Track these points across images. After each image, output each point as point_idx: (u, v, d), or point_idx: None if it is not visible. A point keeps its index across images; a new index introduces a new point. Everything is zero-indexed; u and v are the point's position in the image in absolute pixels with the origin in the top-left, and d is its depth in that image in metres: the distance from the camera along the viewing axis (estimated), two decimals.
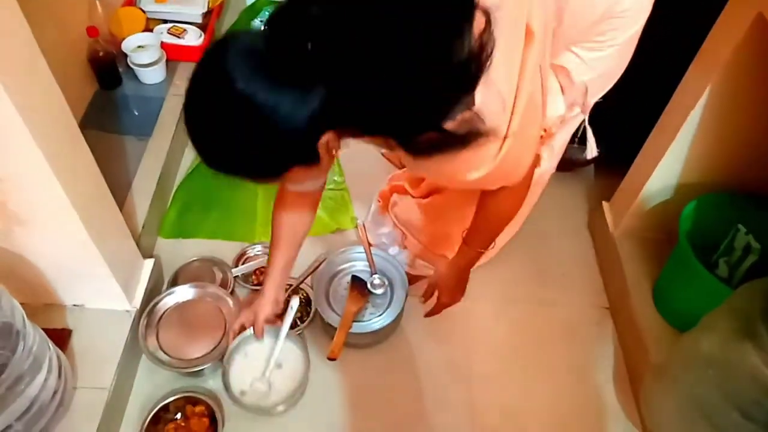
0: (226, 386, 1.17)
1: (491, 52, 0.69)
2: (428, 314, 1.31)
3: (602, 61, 1.05)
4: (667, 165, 1.30)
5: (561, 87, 1.06)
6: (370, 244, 1.42)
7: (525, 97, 0.82)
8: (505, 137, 0.81)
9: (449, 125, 0.71)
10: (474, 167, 0.84)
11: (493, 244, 1.15)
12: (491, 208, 1.06)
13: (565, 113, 1.09)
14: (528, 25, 0.81)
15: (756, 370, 0.88)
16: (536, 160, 1.04)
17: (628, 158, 1.45)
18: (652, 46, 1.34)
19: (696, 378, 1.02)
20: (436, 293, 1.28)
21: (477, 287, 1.48)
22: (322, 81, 0.65)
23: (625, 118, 1.49)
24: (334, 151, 0.75)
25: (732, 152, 1.26)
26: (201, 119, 0.70)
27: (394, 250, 1.48)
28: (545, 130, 1.07)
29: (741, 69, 1.11)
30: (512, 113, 0.81)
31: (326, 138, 0.70)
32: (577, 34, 1.02)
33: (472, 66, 0.68)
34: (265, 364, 1.22)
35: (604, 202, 1.56)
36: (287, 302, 1.25)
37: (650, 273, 1.40)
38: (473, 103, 0.73)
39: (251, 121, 0.66)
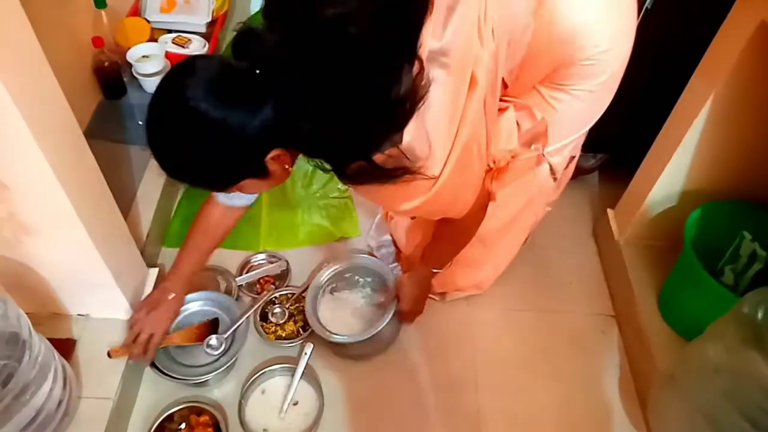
0: (242, 422, 1.19)
1: (424, 96, 0.76)
2: (400, 320, 1.35)
3: (567, 103, 1.04)
4: (672, 172, 1.30)
5: (518, 124, 1.07)
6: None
7: (463, 139, 0.87)
8: (439, 176, 0.87)
9: (377, 158, 0.79)
10: (406, 198, 0.91)
11: (449, 264, 1.26)
12: (444, 235, 1.16)
13: (518, 149, 1.09)
14: (473, 73, 0.86)
15: (763, 379, 0.87)
16: (486, 196, 1.09)
17: (633, 166, 1.45)
18: (657, 53, 1.35)
19: (703, 386, 1.01)
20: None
21: (482, 296, 1.49)
22: (269, 100, 0.73)
23: (629, 126, 1.49)
24: (287, 167, 0.84)
25: (736, 159, 1.26)
26: (160, 134, 0.78)
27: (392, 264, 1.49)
28: (494, 162, 1.10)
29: (745, 76, 1.11)
30: (450, 153, 0.87)
31: (275, 153, 0.78)
32: (539, 77, 1.03)
33: (405, 106, 0.75)
34: (281, 401, 1.24)
35: (608, 210, 1.56)
36: (301, 347, 1.29)
37: (656, 281, 1.39)
38: (400, 141, 0.79)
39: (205, 135, 0.74)
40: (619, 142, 1.59)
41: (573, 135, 1.13)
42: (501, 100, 1.04)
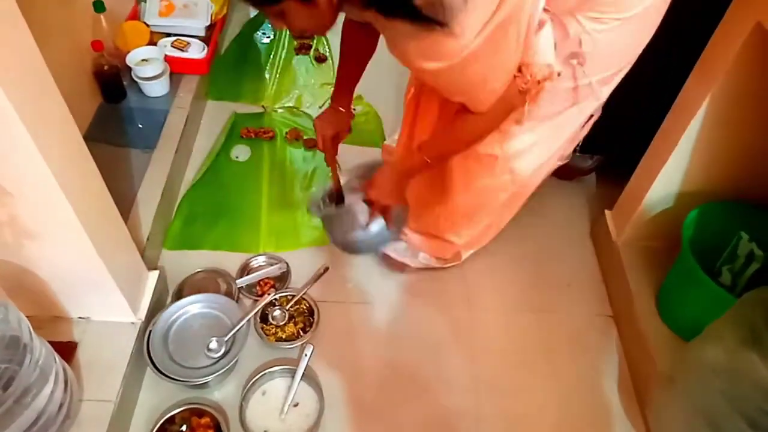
0: (243, 423, 1.20)
1: None
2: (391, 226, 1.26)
3: (605, 34, 1.03)
4: (669, 173, 1.30)
5: (555, 42, 1.04)
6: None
7: (502, 15, 0.87)
8: (470, 44, 0.87)
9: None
10: (433, 57, 0.90)
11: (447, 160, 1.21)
12: (456, 125, 1.10)
13: (555, 66, 1.05)
14: None
15: (762, 379, 0.87)
16: (511, 105, 1.04)
17: (630, 167, 1.45)
18: (653, 54, 1.35)
19: (702, 387, 1.01)
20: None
21: (481, 297, 1.50)
22: None
23: (626, 127, 1.50)
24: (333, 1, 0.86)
25: (734, 160, 1.27)
26: None
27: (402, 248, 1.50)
28: (531, 76, 1.03)
29: (741, 77, 1.12)
30: (486, 24, 0.87)
31: None
32: (579, 2, 1.01)
33: None
34: (282, 402, 1.24)
35: (606, 211, 1.57)
36: (302, 349, 1.29)
37: (654, 281, 1.40)
38: None
39: None
40: (617, 144, 1.60)
41: (605, 72, 1.10)
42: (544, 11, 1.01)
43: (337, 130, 1.28)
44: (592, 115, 1.27)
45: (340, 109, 1.28)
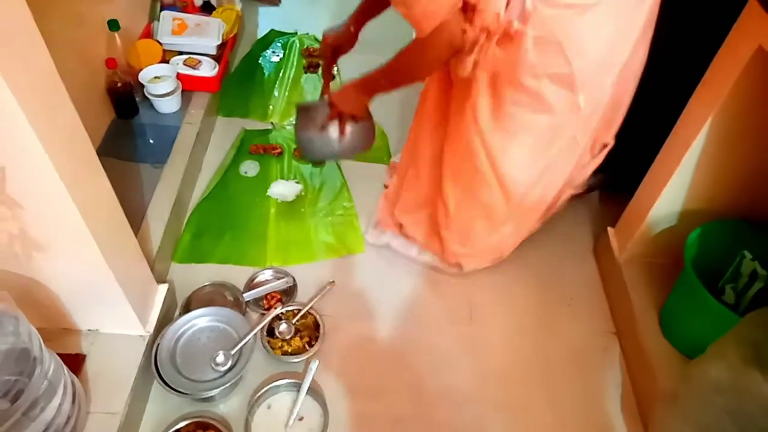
0: None
1: None
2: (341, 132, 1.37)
3: (560, 22, 1.06)
4: (672, 191, 1.31)
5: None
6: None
7: None
8: None
9: None
10: None
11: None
12: (404, 52, 1.16)
13: (504, 17, 1.08)
14: None
15: (765, 399, 0.87)
16: (455, 39, 1.08)
17: (633, 184, 1.46)
18: (655, 73, 1.37)
19: (705, 406, 1.01)
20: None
21: (484, 313, 1.50)
22: None
23: (629, 145, 1.51)
24: None
25: (736, 179, 1.27)
26: None
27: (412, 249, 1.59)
28: (478, 20, 1.08)
29: (743, 99, 1.13)
30: None
31: None
32: None
33: None
34: (287, 416, 1.25)
35: (609, 228, 1.58)
36: (307, 363, 1.31)
37: (657, 298, 1.40)
38: None
39: None
40: (619, 161, 1.61)
41: (579, 62, 1.11)
42: None
43: (339, 42, 1.38)
44: (606, 145, 1.32)
45: (351, 28, 1.37)
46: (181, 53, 1.92)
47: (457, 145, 1.32)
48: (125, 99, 1.72)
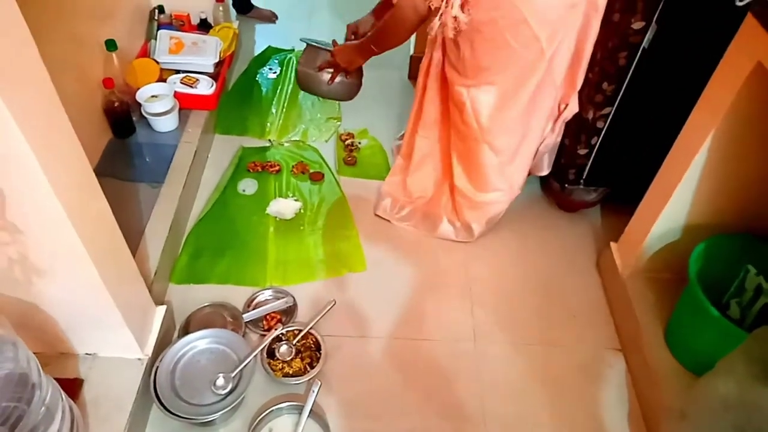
0: None
1: None
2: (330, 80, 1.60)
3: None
4: (675, 206, 1.31)
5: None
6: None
7: None
8: None
9: None
10: None
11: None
12: (384, 20, 1.40)
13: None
14: None
15: None
16: (420, 5, 1.30)
17: (635, 199, 1.46)
18: (656, 88, 1.38)
19: (714, 422, 1.00)
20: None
21: (488, 329, 1.49)
22: None
23: (631, 159, 1.51)
24: None
25: (740, 193, 1.27)
26: None
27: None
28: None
29: (743, 114, 1.13)
30: None
31: None
32: None
33: None
34: None
35: (612, 243, 1.57)
36: (309, 384, 1.26)
37: (662, 313, 1.39)
38: None
39: None
40: (621, 176, 1.61)
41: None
42: None
43: (359, 26, 1.63)
44: (567, 105, 1.50)
45: (372, 17, 1.62)
46: (178, 72, 1.92)
47: (453, 102, 1.51)
48: (122, 118, 1.72)
